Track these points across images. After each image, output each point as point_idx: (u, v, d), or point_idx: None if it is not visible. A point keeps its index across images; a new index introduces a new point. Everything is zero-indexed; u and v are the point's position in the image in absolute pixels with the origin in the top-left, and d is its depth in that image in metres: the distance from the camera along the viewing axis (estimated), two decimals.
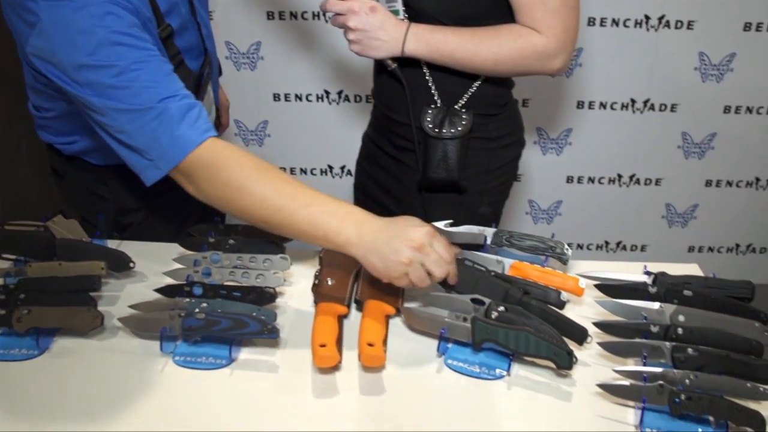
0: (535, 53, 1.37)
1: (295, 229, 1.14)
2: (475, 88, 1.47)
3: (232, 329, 1.09)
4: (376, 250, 1.10)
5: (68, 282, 1.19)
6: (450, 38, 1.38)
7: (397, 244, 1.09)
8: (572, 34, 1.38)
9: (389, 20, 1.40)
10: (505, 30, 1.38)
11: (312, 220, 1.13)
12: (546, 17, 1.34)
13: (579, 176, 2.71)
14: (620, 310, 1.16)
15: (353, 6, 1.39)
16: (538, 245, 1.28)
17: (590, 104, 2.55)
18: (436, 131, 1.46)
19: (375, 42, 1.40)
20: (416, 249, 1.09)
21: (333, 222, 1.12)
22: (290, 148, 2.69)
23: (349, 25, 1.40)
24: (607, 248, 2.87)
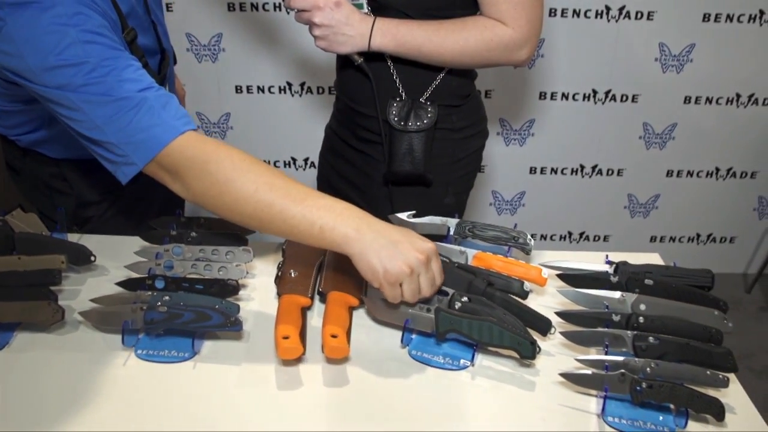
0: (501, 45, 1.38)
1: (287, 225, 1.08)
2: (439, 80, 1.47)
3: (195, 322, 1.08)
4: (377, 249, 1.05)
5: (28, 276, 1.17)
6: (416, 32, 1.38)
7: (405, 249, 1.06)
8: (537, 25, 1.39)
9: (355, 15, 1.39)
10: (471, 22, 1.38)
11: (306, 216, 1.07)
12: (511, 9, 1.35)
13: (542, 167, 2.74)
14: (582, 300, 1.17)
15: (318, 2, 1.38)
16: (500, 235, 1.28)
17: (552, 95, 2.57)
18: (402, 124, 1.46)
19: (341, 37, 1.40)
20: (421, 261, 1.06)
21: (329, 217, 1.07)
22: (253, 140, 2.67)
23: (314, 21, 1.39)
24: (570, 239, 2.90)
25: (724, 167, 2.76)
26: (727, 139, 2.68)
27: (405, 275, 1.05)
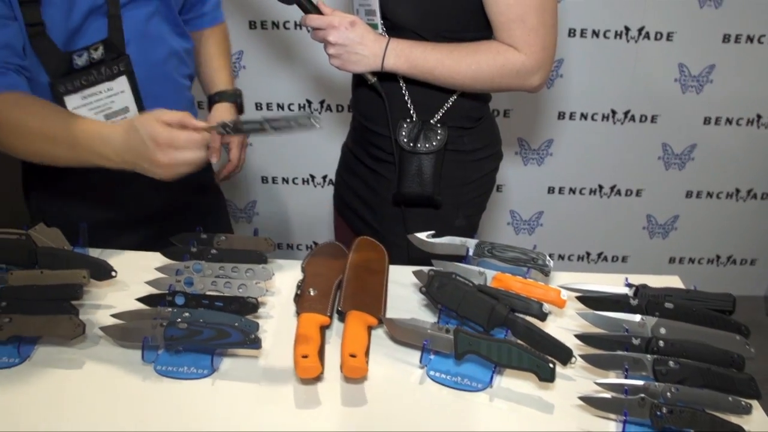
0: (514, 70, 1.38)
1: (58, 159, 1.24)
2: (451, 103, 1.48)
3: (215, 339, 1.08)
4: (133, 164, 1.18)
5: (50, 290, 1.18)
6: (429, 54, 1.38)
7: (146, 150, 1.14)
8: (550, 52, 1.39)
9: (369, 35, 1.40)
10: (484, 47, 1.38)
11: (68, 150, 1.22)
12: (524, 35, 1.35)
13: (560, 187, 2.73)
14: (602, 323, 1.16)
15: (333, 21, 1.39)
16: (520, 256, 1.28)
17: (571, 115, 2.57)
18: (411, 146, 1.46)
19: (354, 57, 1.41)
20: (162, 151, 1.13)
21: (84, 150, 1.21)
22: (272, 157, 2.68)
23: (329, 40, 1.41)
24: (588, 259, 2.89)
25: (745, 188, 2.75)
26: (747, 160, 2.67)
27: (161, 172, 1.16)
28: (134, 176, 1.44)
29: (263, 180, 2.73)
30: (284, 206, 2.80)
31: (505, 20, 1.34)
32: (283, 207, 2.80)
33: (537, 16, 1.33)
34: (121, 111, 1.42)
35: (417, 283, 1.29)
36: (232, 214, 2.82)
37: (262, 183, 2.74)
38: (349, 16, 1.41)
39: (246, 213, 2.82)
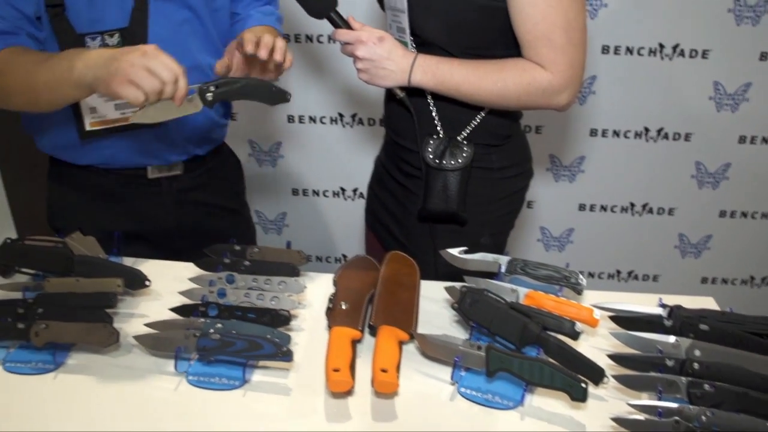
0: (540, 89, 1.37)
1: (40, 84, 1.27)
2: (478, 120, 1.48)
3: (247, 351, 1.09)
4: (102, 66, 1.18)
5: (85, 298, 1.20)
6: (455, 71, 1.39)
7: (120, 54, 1.17)
8: (578, 71, 1.38)
9: (397, 50, 1.41)
10: (510, 64, 1.38)
11: (49, 69, 1.25)
12: (551, 53, 1.34)
13: (591, 204, 2.71)
14: (635, 343, 1.15)
15: (361, 36, 1.41)
16: (552, 274, 1.28)
17: (603, 132, 2.55)
18: (437, 162, 1.46)
19: (382, 71, 1.42)
20: (140, 53, 1.16)
21: (64, 64, 1.23)
22: (303, 169, 2.69)
23: (357, 55, 1.42)
24: (618, 277, 2.86)
25: None
26: None
27: (129, 70, 1.14)
28: (160, 191, 1.48)
29: (294, 192, 2.75)
30: (314, 218, 2.81)
31: (531, 38, 1.34)
32: (313, 219, 2.81)
33: (564, 34, 1.32)
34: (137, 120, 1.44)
35: (448, 299, 1.29)
36: (262, 225, 2.83)
37: (293, 195, 2.76)
38: (377, 32, 1.42)
39: (276, 224, 2.84)
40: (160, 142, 1.51)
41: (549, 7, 1.30)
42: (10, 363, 1.15)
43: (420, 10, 1.40)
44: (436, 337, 1.14)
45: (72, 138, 1.47)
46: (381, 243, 1.77)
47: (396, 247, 1.58)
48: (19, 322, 1.14)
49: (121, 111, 1.44)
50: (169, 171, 1.57)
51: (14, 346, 1.17)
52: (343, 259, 2.89)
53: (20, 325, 1.14)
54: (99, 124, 1.45)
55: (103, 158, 1.51)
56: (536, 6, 1.30)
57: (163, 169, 1.56)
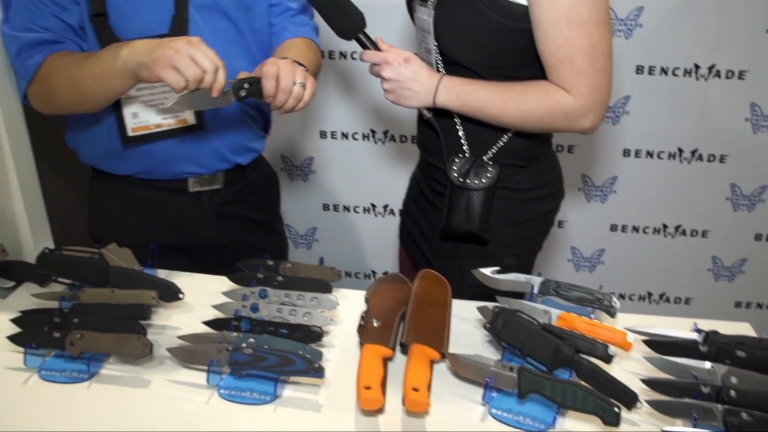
0: (562, 112, 1.36)
1: (86, 77, 1.33)
2: (505, 140, 1.47)
3: (279, 366, 1.09)
4: (147, 52, 1.24)
5: (120, 309, 1.21)
6: (480, 93, 1.39)
7: (167, 41, 1.23)
8: (602, 95, 1.36)
9: (422, 72, 1.42)
10: (533, 87, 1.38)
11: (95, 62, 1.32)
12: (574, 77, 1.33)
13: (623, 225, 2.69)
14: (669, 368, 1.14)
15: (387, 57, 1.42)
16: (585, 297, 1.27)
17: (636, 152, 2.54)
18: (461, 181, 1.46)
19: (407, 92, 1.43)
20: (185, 41, 1.22)
21: (108, 54, 1.30)
22: (334, 184, 2.71)
23: (383, 75, 1.44)
24: (649, 299, 2.83)
25: None
26: None
27: (172, 55, 1.20)
28: (201, 204, 1.50)
29: (324, 207, 2.76)
30: (344, 234, 2.82)
31: (554, 61, 1.33)
32: (343, 235, 2.82)
33: (587, 58, 1.31)
34: (173, 108, 1.47)
35: (480, 319, 1.28)
36: (292, 240, 2.85)
37: (323, 210, 2.77)
38: (404, 53, 1.44)
39: (306, 239, 2.85)
40: (202, 148, 1.53)
41: (572, 31, 1.28)
42: (46, 371, 1.16)
43: (446, 31, 1.41)
44: (468, 357, 1.14)
45: (114, 147, 1.50)
46: (411, 260, 1.77)
47: (424, 265, 1.58)
48: (55, 331, 1.16)
49: (163, 116, 1.47)
50: (210, 184, 1.59)
51: (50, 354, 1.19)
52: (373, 276, 2.89)
53: (56, 334, 1.15)
54: (141, 129, 1.47)
55: (144, 166, 1.53)
56: (559, 30, 1.29)
57: (204, 182, 1.58)
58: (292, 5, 1.64)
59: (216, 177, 1.60)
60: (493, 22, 1.34)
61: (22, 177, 1.44)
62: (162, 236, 1.58)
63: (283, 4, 1.62)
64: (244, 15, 1.50)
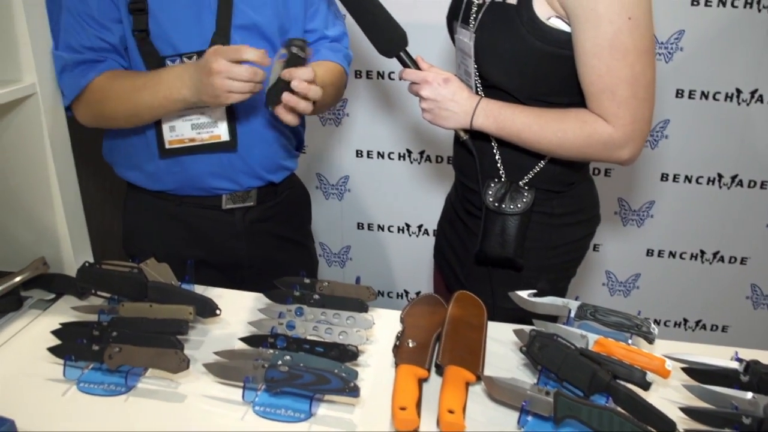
0: (600, 142, 1.34)
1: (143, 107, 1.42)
2: (541, 166, 1.46)
3: (314, 384, 1.09)
4: (200, 90, 1.34)
5: (158, 324, 1.22)
6: (517, 117, 1.38)
7: (204, 76, 1.32)
8: (641, 126, 1.33)
9: (461, 93, 1.42)
10: (572, 115, 1.36)
11: (150, 94, 1.39)
12: (614, 107, 1.31)
13: (660, 250, 2.66)
14: (709, 397, 1.12)
15: (427, 76, 1.43)
16: (623, 322, 1.25)
17: (675, 177, 2.51)
18: (496, 206, 1.46)
19: (445, 113, 1.43)
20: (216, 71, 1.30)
21: (163, 88, 1.39)
22: (369, 204, 2.72)
23: (422, 95, 1.44)
24: (685, 326, 2.79)
25: None
26: None
27: (221, 86, 1.30)
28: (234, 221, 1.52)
29: (359, 226, 2.77)
30: (377, 253, 2.82)
31: (595, 90, 1.31)
32: (377, 254, 2.82)
33: (628, 88, 1.29)
34: (209, 124, 1.50)
35: (516, 342, 1.27)
36: (326, 258, 2.86)
37: (358, 229, 2.78)
38: (444, 73, 1.44)
39: (339, 258, 2.86)
40: (235, 166, 1.55)
41: (614, 60, 1.27)
42: (84, 383, 1.18)
43: (486, 55, 1.41)
44: (504, 380, 1.13)
45: (149, 161, 1.53)
46: (445, 281, 1.77)
47: (457, 286, 1.58)
48: (94, 344, 1.17)
49: (197, 131, 1.49)
50: (243, 201, 1.61)
51: (89, 366, 1.20)
52: (405, 295, 2.89)
53: (95, 347, 1.17)
54: (177, 142, 1.50)
55: (179, 182, 1.56)
56: (602, 58, 1.27)
57: (238, 199, 1.60)
58: (329, 33, 1.67)
59: (249, 194, 1.62)
60: (535, 48, 1.33)
61: (65, 193, 1.46)
62: (194, 252, 1.60)
63: (320, 31, 1.65)
64: (280, 38, 1.53)
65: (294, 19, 1.56)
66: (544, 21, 1.31)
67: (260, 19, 1.48)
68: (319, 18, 1.64)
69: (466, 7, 1.45)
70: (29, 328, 1.35)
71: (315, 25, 1.64)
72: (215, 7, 1.44)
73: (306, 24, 1.62)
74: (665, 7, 2.21)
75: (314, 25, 1.63)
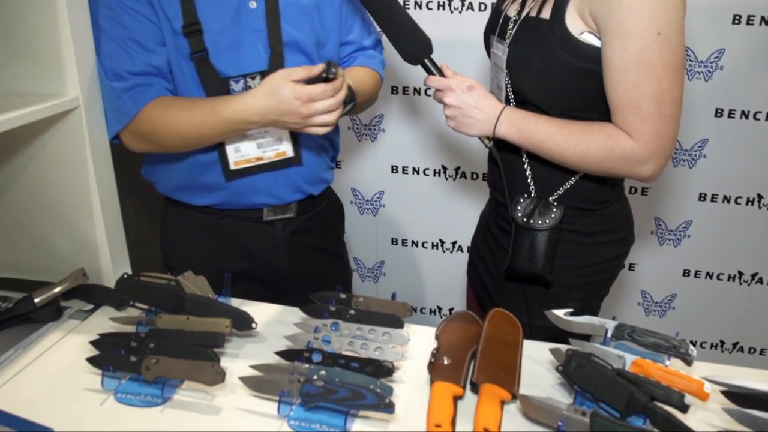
0: (622, 157, 1.32)
1: (205, 139, 1.45)
2: (572, 182, 1.46)
3: (350, 400, 1.09)
4: (275, 121, 1.38)
5: (194, 336, 1.24)
6: (541, 127, 1.38)
7: (281, 115, 1.36)
8: (665, 143, 1.30)
9: (485, 101, 1.43)
10: (596, 128, 1.35)
11: (213, 129, 1.41)
12: (637, 122, 1.29)
13: (696, 270, 2.63)
14: (750, 422, 1.10)
15: (451, 84, 1.44)
16: (661, 343, 1.24)
17: (713, 197, 2.48)
18: (525, 221, 1.45)
19: (468, 120, 1.44)
20: (297, 116, 1.36)
21: (229, 125, 1.40)
22: (403, 219, 2.72)
23: (445, 101, 1.45)
24: (722, 348, 2.75)
25: None
26: None
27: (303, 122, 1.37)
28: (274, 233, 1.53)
29: (393, 241, 2.77)
30: (411, 269, 2.82)
31: (620, 104, 1.30)
32: (410, 269, 2.82)
33: (653, 104, 1.27)
34: (273, 142, 1.52)
35: (551, 361, 1.27)
36: (359, 272, 2.87)
37: (392, 244, 2.78)
38: (468, 80, 1.45)
39: (373, 272, 2.86)
40: (278, 181, 1.58)
41: (641, 75, 1.25)
42: (121, 394, 1.19)
43: (519, 69, 1.41)
44: (540, 400, 1.12)
45: (193, 180, 1.56)
46: (477, 298, 1.76)
47: (489, 303, 1.57)
48: (132, 355, 1.19)
49: (263, 150, 1.52)
50: (283, 213, 1.63)
51: (125, 377, 1.22)
52: (438, 311, 2.88)
53: (132, 358, 1.18)
54: (242, 162, 1.52)
55: (223, 198, 1.58)
56: (628, 72, 1.26)
57: (278, 212, 1.62)
58: (366, 43, 1.70)
59: (289, 207, 1.64)
60: (567, 63, 1.33)
61: (105, 205, 1.49)
62: (234, 263, 1.62)
63: (358, 42, 1.68)
64: (317, 51, 1.55)
65: (329, 32, 1.58)
66: (577, 36, 1.31)
67: (299, 36, 1.50)
68: (356, 30, 1.67)
69: (503, 22, 1.46)
70: (68, 337, 1.37)
71: (352, 38, 1.67)
72: (263, 25, 1.46)
73: (343, 36, 1.65)
74: (705, 25, 2.20)
75: (351, 37, 1.67)
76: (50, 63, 1.38)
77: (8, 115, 1.22)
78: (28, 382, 1.24)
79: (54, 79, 1.39)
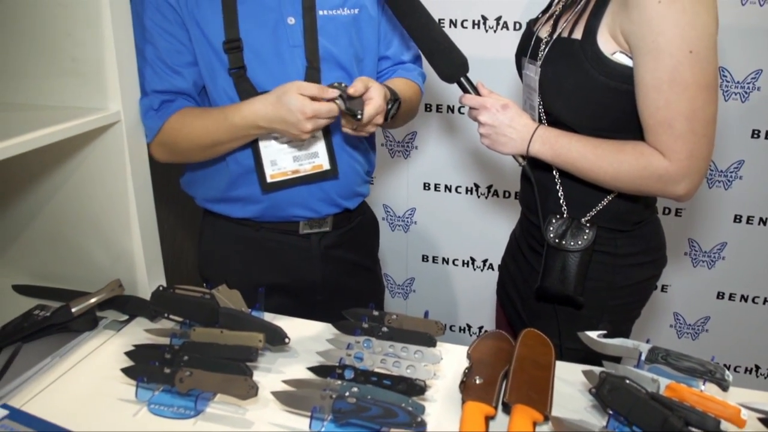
0: (655, 175, 1.32)
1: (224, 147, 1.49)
2: (605, 203, 1.45)
3: (381, 417, 1.10)
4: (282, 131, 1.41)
5: (228, 350, 1.24)
6: (574, 146, 1.38)
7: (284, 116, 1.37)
8: (699, 162, 1.30)
9: (519, 119, 1.43)
10: (629, 147, 1.34)
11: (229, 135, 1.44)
12: (670, 141, 1.28)
13: (731, 293, 2.59)
14: None
15: (486, 102, 1.44)
16: (696, 367, 1.22)
17: (749, 219, 2.45)
18: (557, 242, 1.45)
19: (503, 138, 1.44)
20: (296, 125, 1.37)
21: (241, 131, 1.44)
22: (435, 236, 2.72)
23: (479, 120, 1.46)
24: (757, 373, 2.70)
25: None
26: None
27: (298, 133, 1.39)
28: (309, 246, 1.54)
29: (423, 258, 2.78)
30: (441, 286, 2.82)
31: (653, 123, 1.29)
32: (440, 287, 2.82)
33: (687, 123, 1.26)
34: (310, 155, 1.54)
35: (584, 383, 1.26)
36: (390, 289, 2.87)
37: (422, 261, 2.78)
38: (502, 99, 1.45)
39: (403, 289, 2.87)
40: (314, 194, 1.59)
41: (674, 93, 1.25)
42: (155, 405, 1.20)
43: (551, 90, 1.41)
44: (573, 422, 1.12)
45: (230, 193, 1.58)
46: (506, 317, 1.75)
47: (518, 323, 1.56)
48: (166, 367, 1.20)
49: (299, 163, 1.54)
50: (319, 227, 1.64)
51: (159, 389, 1.23)
52: (468, 329, 2.88)
53: (166, 370, 1.20)
54: (279, 175, 1.54)
55: (260, 211, 1.60)
56: (661, 91, 1.25)
57: (314, 225, 1.64)
58: (404, 58, 1.72)
59: (325, 220, 1.65)
60: (599, 83, 1.33)
61: (143, 218, 1.51)
62: (268, 276, 1.64)
63: (397, 57, 1.70)
64: (356, 66, 1.57)
65: (367, 47, 1.60)
66: (609, 56, 1.31)
67: (337, 51, 1.52)
68: (395, 45, 1.69)
69: (535, 43, 1.47)
70: (103, 347, 1.39)
71: (391, 52, 1.69)
72: (301, 41, 1.48)
73: (382, 51, 1.66)
74: (742, 46, 2.18)
75: (390, 52, 1.69)
76: (93, 78, 1.40)
77: (52, 128, 1.24)
78: (63, 390, 1.26)
79: (97, 93, 1.41)
